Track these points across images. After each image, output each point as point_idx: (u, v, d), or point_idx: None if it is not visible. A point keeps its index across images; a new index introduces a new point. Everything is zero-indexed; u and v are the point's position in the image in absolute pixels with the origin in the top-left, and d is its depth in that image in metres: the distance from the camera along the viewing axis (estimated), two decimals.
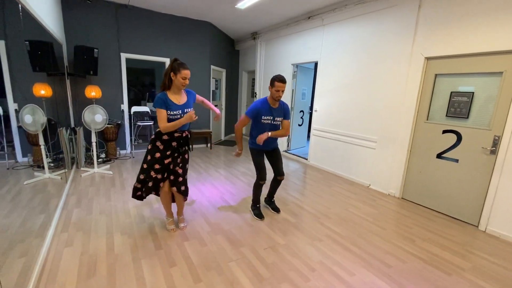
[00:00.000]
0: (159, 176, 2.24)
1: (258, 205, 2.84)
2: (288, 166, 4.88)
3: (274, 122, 2.62)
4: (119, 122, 4.95)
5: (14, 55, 2.61)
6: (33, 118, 2.81)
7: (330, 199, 3.39)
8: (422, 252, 2.30)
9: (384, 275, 1.97)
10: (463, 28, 2.77)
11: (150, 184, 2.24)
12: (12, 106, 2.75)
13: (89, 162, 4.39)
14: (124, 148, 5.25)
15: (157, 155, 2.18)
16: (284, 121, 2.67)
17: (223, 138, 7.16)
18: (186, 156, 2.35)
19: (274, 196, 3.08)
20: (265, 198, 3.07)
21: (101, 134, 4.64)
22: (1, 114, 2.65)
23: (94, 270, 1.87)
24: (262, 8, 4.48)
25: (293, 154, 5.53)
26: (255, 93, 6.56)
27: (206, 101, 2.58)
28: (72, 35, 4.39)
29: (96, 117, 3.87)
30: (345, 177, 4.28)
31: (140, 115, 5.24)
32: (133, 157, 4.94)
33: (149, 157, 2.20)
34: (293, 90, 5.51)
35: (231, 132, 7.69)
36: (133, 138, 5.32)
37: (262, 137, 2.48)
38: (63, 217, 2.61)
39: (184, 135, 2.27)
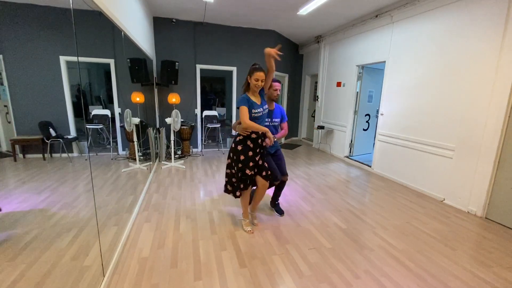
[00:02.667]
0: (253, 173, 2.36)
1: None
2: (349, 172, 4.68)
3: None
4: (193, 124, 5.67)
5: (119, 70, 3.39)
6: (128, 119, 3.55)
7: (391, 210, 3.14)
8: (499, 281, 1.94)
9: None
10: None
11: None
12: (117, 110, 3.56)
13: (168, 157, 5.20)
14: (196, 146, 5.98)
15: (250, 153, 2.31)
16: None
17: (283, 141, 7.32)
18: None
19: None
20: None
21: (178, 134, 5.43)
22: (109, 116, 3.47)
23: (163, 243, 2.28)
24: (326, 10, 4.47)
25: (355, 160, 5.25)
26: (317, 96, 6.49)
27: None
28: (160, 51, 5.31)
29: (178, 120, 4.58)
30: (414, 188, 3.85)
31: (210, 119, 5.89)
32: (203, 155, 5.58)
33: (242, 157, 2.29)
34: (357, 92, 5.25)
35: (290, 135, 7.79)
36: (203, 138, 6.01)
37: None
38: (146, 199, 3.21)
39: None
